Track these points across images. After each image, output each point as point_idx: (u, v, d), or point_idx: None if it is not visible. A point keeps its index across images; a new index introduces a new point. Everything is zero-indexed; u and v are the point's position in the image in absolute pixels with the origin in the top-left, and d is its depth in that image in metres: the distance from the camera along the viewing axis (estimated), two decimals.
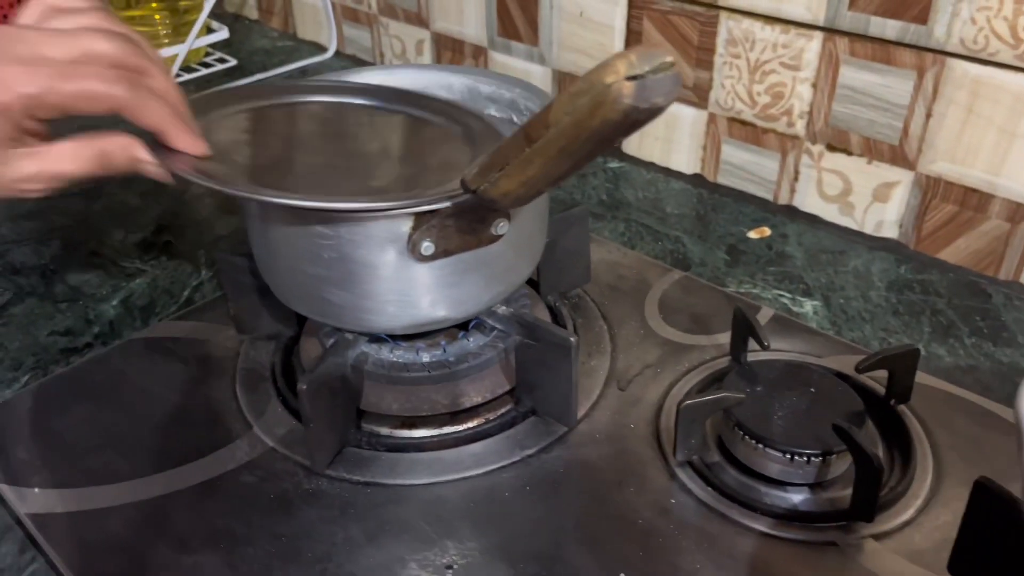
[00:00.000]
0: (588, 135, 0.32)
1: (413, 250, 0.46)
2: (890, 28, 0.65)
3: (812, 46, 0.70)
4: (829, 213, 0.75)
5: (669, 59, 0.30)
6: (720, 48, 0.75)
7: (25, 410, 0.56)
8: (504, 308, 0.54)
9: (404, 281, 0.48)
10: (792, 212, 0.77)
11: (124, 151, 0.46)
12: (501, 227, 0.47)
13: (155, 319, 0.66)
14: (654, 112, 0.30)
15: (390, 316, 0.49)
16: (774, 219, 0.76)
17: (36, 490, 0.51)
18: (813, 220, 0.76)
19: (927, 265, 0.69)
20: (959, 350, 0.61)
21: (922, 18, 0.63)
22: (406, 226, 0.45)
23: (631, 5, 0.80)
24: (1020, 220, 0.65)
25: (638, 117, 0.30)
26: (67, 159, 0.45)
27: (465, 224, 0.46)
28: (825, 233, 0.74)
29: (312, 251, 0.47)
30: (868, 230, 0.73)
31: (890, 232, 0.72)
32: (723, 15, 0.74)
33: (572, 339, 0.50)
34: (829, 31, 0.68)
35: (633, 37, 0.81)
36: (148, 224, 0.78)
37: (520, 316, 0.53)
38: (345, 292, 0.48)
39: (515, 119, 0.58)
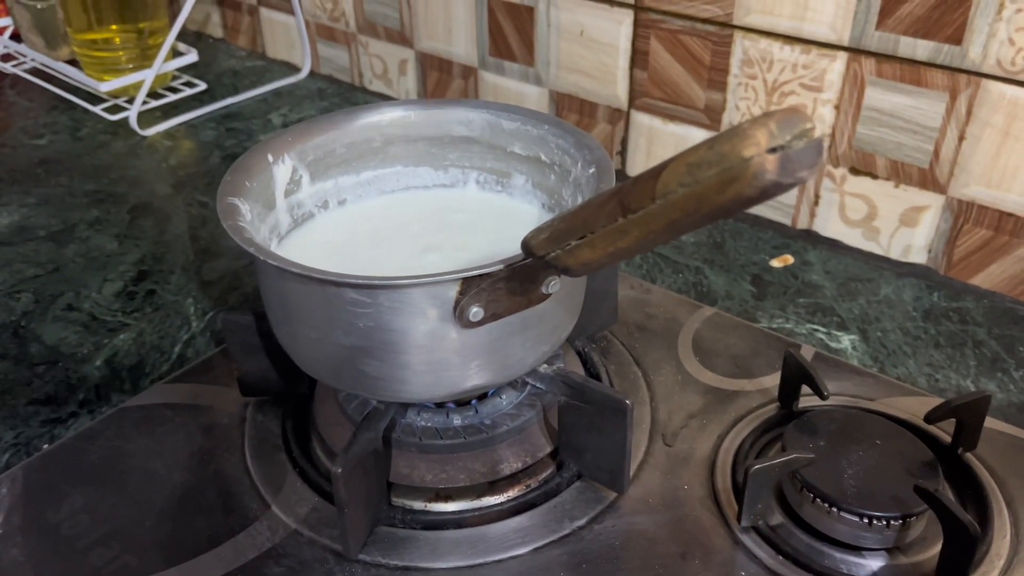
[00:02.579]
0: (710, 210, 0.27)
1: (460, 316, 0.41)
2: (921, 48, 0.62)
3: (836, 67, 0.67)
4: (852, 238, 0.72)
5: (810, 124, 0.26)
6: (735, 69, 0.72)
7: (11, 497, 0.50)
8: (546, 367, 0.50)
9: (448, 349, 0.43)
10: (812, 237, 0.74)
11: None
12: (553, 285, 0.43)
13: (146, 381, 0.60)
14: (795, 186, 0.26)
15: (430, 385, 0.45)
16: (794, 245, 0.73)
17: None
18: (834, 245, 0.73)
19: (960, 292, 0.67)
20: (1010, 385, 0.58)
21: (956, 38, 0.61)
22: (452, 291, 0.41)
23: (637, 23, 0.76)
24: None
25: (776, 192, 0.26)
26: None
27: (516, 285, 0.42)
28: (851, 260, 0.71)
29: (345, 320, 0.42)
30: (894, 255, 0.70)
31: (918, 258, 0.69)
32: (738, 34, 0.70)
33: (628, 402, 0.46)
34: (855, 51, 0.65)
35: (639, 57, 0.77)
36: (127, 271, 0.72)
37: (566, 376, 0.49)
38: (382, 363, 0.43)
39: (543, 157, 0.54)
